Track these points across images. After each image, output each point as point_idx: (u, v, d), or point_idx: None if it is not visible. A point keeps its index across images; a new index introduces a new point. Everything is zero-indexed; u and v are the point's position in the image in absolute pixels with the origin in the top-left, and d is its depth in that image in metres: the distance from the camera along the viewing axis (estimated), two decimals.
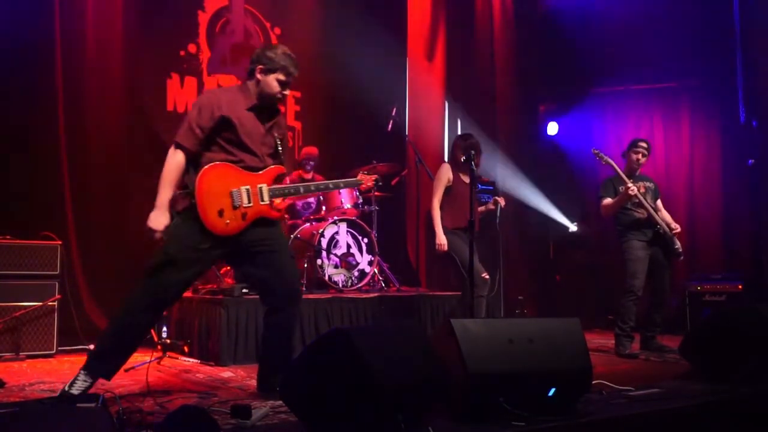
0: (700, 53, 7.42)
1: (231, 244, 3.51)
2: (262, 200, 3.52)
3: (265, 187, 3.53)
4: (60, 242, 5.30)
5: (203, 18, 7.21)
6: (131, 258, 6.20)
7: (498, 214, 5.35)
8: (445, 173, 5.28)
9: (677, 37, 7.54)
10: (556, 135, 8.34)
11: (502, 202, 5.38)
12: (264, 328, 3.77)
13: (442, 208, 5.23)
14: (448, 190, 5.25)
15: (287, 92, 3.63)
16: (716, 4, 7.41)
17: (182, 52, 7.02)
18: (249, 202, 3.48)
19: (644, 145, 5.61)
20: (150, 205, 3.42)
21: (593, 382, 3.25)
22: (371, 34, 7.85)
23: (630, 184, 5.33)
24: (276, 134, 3.67)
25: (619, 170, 5.47)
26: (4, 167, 5.60)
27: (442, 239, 5.16)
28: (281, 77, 3.55)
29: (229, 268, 5.81)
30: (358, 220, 6.36)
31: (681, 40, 7.51)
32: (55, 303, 5.20)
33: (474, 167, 4.74)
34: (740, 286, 6.54)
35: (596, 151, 5.54)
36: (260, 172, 3.55)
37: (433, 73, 8.06)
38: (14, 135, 5.67)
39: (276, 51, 3.57)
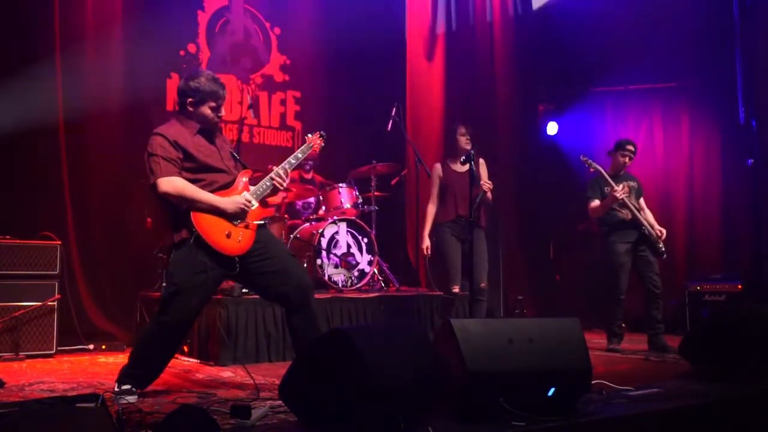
0: (700, 53, 7.42)
1: (232, 261, 3.54)
2: (253, 206, 3.63)
3: (246, 194, 3.63)
4: (60, 242, 5.31)
5: (203, 18, 7.22)
6: (131, 258, 6.21)
7: (478, 200, 4.91)
8: (435, 173, 5.37)
9: (676, 37, 7.53)
10: (555, 135, 8.33)
11: (485, 186, 4.97)
12: (290, 333, 3.81)
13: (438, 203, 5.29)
14: (442, 188, 5.30)
15: (223, 113, 3.69)
16: (716, 4, 7.40)
17: (182, 52, 7.03)
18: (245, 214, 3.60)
19: (631, 148, 5.72)
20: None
21: (593, 382, 3.25)
22: (371, 34, 7.85)
23: (617, 188, 5.41)
24: (226, 145, 3.79)
25: (606, 175, 5.55)
26: (4, 167, 5.60)
27: (423, 243, 5.29)
28: (212, 104, 3.60)
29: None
30: (357, 220, 6.35)
31: (680, 40, 7.51)
32: (55, 303, 5.20)
33: (473, 166, 4.71)
34: (740, 286, 6.53)
35: (584, 158, 5.62)
36: (235, 184, 3.66)
37: (433, 73, 8.05)
38: (14, 135, 5.66)
39: (200, 80, 3.58)
